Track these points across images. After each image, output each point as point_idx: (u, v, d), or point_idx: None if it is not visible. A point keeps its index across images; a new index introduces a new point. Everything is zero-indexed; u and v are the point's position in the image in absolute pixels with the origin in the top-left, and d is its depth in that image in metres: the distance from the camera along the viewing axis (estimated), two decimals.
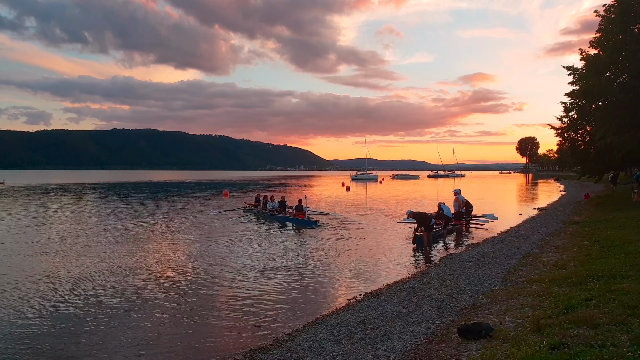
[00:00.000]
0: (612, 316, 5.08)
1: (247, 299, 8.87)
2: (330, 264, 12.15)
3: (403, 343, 5.49)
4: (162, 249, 14.20)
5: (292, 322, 7.52)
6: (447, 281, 8.86)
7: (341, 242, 15.62)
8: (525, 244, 12.71)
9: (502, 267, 9.67)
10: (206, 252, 13.72)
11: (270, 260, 12.58)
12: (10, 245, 14.69)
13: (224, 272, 11.11)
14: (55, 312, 8.06)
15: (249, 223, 21.75)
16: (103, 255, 13.04)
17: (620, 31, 21.12)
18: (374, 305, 7.61)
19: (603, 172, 29.49)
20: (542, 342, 4.54)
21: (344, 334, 6.23)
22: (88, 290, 9.46)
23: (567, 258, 9.68)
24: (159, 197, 42.60)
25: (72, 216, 23.99)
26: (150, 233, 17.77)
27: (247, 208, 27.42)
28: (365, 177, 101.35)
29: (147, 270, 11.32)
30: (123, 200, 37.49)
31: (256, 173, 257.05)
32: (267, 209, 24.78)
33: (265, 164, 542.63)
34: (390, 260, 12.60)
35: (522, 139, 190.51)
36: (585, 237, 12.41)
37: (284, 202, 24.65)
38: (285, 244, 15.21)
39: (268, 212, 24.32)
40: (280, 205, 24.50)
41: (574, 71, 24.80)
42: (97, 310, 8.17)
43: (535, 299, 6.51)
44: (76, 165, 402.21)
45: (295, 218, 22.07)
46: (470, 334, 5.18)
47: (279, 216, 23.33)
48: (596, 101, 23.77)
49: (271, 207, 24.79)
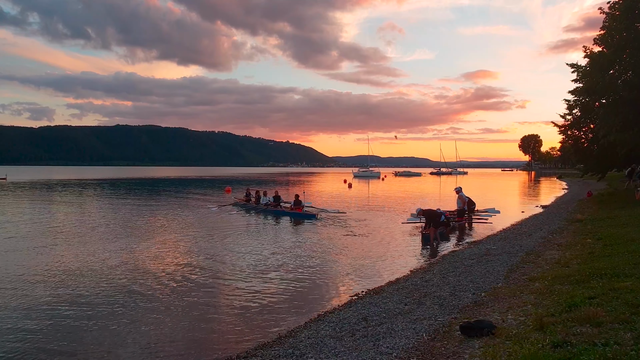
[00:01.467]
0: (615, 314, 5.06)
1: (249, 295, 8.88)
2: (332, 260, 12.16)
3: (405, 340, 5.48)
4: (162, 246, 14.22)
5: (294, 318, 7.53)
6: (449, 278, 8.85)
7: (343, 239, 15.62)
8: (528, 242, 12.68)
9: (505, 264, 9.65)
10: (207, 248, 13.73)
11: (271, 256, 12.59)
12: (5, 242, 14.71)
13: (225, 268, 11.13)
14: (54, 309, 8.08)
15: (248, 218, 21.98)
16: (100, 252, 13.06)
17: (625, 28, 20.99)
18: (376, 302, 7.61)
19: (606, 170, 29.42)
20: (545, 340, 4.52)
21: (346, 331, 6.22)
22: (86, 287, 9.48)
23: (569, 256, 9.64)
24: (161, 193, 42.67)
25: (73, 212, 24.04)
26: (151, 229, 17.80)
27: (237, 203, 27.63)
28: (368, 174, 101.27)
29: (148, 267, 11.34)
30: (124, 196, 37.55)
31: (258, 170, 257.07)
32: (261, 204, 24.97)
33: (268, 160, 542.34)
34: (392, 257, 12.60)
35: (525, 137, 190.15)
36: (588, 234, 12.37)
37: (279, 197, 25.18)
38: (287, 240, 15.22)
39: (263, 207, 24.53)
40: (275, 199, 24.93)
41: (577, 69, 24.69)
42: (97, 307, 8.19)
43: (537, 297, 6.49)
44: (79, 161, 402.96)
45: (293, 212, 22.48)
46: (472, 332, 5.17)
47: (277, 210, 23.70)
48: (600, 99, 23.69)
49: (265, 202, 25.07)
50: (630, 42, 20.90)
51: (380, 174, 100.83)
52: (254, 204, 25.74)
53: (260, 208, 24.52)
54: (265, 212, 23.79)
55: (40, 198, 33.93)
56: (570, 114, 26.66)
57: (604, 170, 29.03)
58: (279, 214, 22.93)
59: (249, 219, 21.61)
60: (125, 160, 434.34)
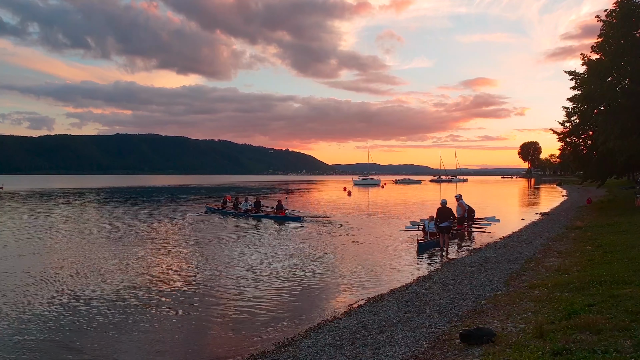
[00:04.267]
0: (615, 322, 5.05)
1: (248, 303, 8.86)
2: (332, 268, 12.13)
3: (405, 348, 5.47)
4: (160, 253, 14.19)
5: (294, 327, 7.50)
6: (449, 286, 8.83)
7: (342, 246, 15.60)
8: (528, 249, 12.67)
9: (505, 272, 9.63)
10: (201, 257, 13.69)
11: (271, 264, 12.57)
12: (8, 249, 14.69)
13: (223, 277, 11.10)
14: (49, 319, 8.05)
15: (236, 223, 22.86)
16: (96, 260, 13.03)
17: (622, 36, 21.15)
18: (376, 311, 7.59)
19: (606, 177, 29.45)
20: (545, 348, 4.51)
21: (346, 339, 6.20)
22: (84, 294, 9.46)
23: (569, 263, 9.64)
24: (160, 201, 42.62)
25: (70, 221, 24.00)
26: (148, 236, 17.76)
27: (211, 209, 28.95)
28: (368, 181, 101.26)
29: (147, 274, 11.30)
30: (123, 204, 37.51)
31: (258, 178, 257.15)
32: (241, 209, 26.33)
33: (268, 168, 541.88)
34: (392, 264, 12.58)
35: (524, 144, 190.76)
36: (588, 242, 12.37)
37: (259, 202, 26.62)
38: (285, 248, 15.19)
39: (243, 212, 25.81)
40: (256, 205, 26.23)
41: (575, 76, 24.81)
42: (96, 315, 8.16)
43: (537, 304, 6.48)
44: (79, 169, 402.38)
45: (277, 215, 23.98)
46: (472, 340, 5.15)
47: (260, 214, 25.13)
48: (598, 106, 23.79)
49: (245, 207, 26.37)
50: (627, 50, 21.05)
51: (380, 182, 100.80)
52: (232, 209, 27.12)
53: (242, 213, 25.73)
54: (250, 216, 25.04)
55: (34, 207, 33.81)
56: (569, 121, 26.73)
57: (604, 177, 29.04)
58: (263, 218, 24.37)
59: (237, 224, 22.28)
60: (126, 169, 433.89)
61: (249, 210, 25.88)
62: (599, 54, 23.02)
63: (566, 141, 27.77)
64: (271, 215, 24.47)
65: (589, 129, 25.92)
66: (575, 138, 27.24)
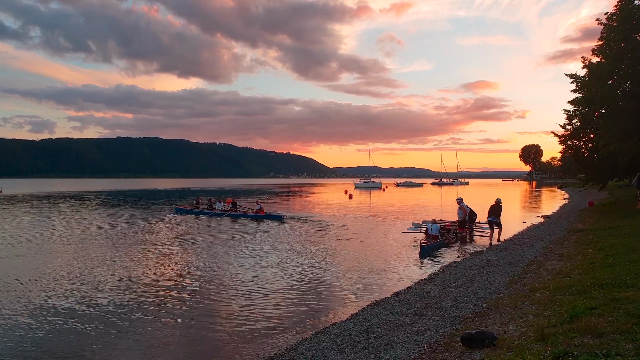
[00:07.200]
0: (616, 325, 5.04)
1: (249, 307, 8.85)
2: (333, 271, 12.12)
3: (406, 352, 5.46)
4: (160, 255, 14.19)
5: (295, 330, 7.50)
6: (450, 289, 8.82)
7: (344, 249, 15.59)
8: (529, 252, 12.65)
9: (506, 275, 9.62)
10: (198, 260, 13.69)
11: (270, 268, 12.56)
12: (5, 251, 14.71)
13: (223, 281, 11.09)
14: (55, 316, 8.07)
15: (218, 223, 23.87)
16: (95, 261, 13.05)
17: (623, 39, 21.15)
18: (377, 314, 7.58)
19: (607, 180, 29.38)
20: (546, 351, 4.50)
21: (347, 343, 6.20)
22: (79, 297, 9.47)
23: (571, 266, 9.62)
24: (160, 203, 42.62)
25: (69, 224, 24.02)
26: (144, 237, 17.77)
27: (180, 209, 30.24)
28: (369, 184, 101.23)
29: (146, 277, 11.31)
30: (124, 207, 37.53)
31: (259, 181, 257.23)
32: (216, 209, 27.82)
33: (269, 171, 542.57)
34: (393, 268, 12.57)
35: (526, 147, 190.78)
36: (590, 244, 12.34)
37: (236, 202, 28.48)
38: (285, 251, 15.18)
39: (219, 212, 27.21)
40: (233, 205, 27.99)
41: (576, 79, 24.81)
42: (94, 320, 8.16)
43: (539, 308, 6.47)
44: (80, 173, 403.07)
45: (258, 214, 25.43)
46: (473, 343, 5.14)
47: (238, 214, 26.66)
48: (599, 108, 23.76)
49: (220, 207, 27.99)
50: (628, 53, 21.05)
51: (381, 185, 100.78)
52: (207, 210, 28.38)
53: (218, 213, 27.03)
54: (228, 216, 26.34)
55: (32, 210, 33.87)
56: (570, 124, 26.70)
57: (605, 180, 28.96)
58: (241, 217, 25.86)
59: (235, 226, 22.58)
60: (127, 172, 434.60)
61: (225, 210, 27.34)
62: (600, 56, 23.01)
63: (567, 144, 27.71)
64: (250, 215, 25.82)
65: (590, 131, 25.88)
66: (577, 141, 27.18)
